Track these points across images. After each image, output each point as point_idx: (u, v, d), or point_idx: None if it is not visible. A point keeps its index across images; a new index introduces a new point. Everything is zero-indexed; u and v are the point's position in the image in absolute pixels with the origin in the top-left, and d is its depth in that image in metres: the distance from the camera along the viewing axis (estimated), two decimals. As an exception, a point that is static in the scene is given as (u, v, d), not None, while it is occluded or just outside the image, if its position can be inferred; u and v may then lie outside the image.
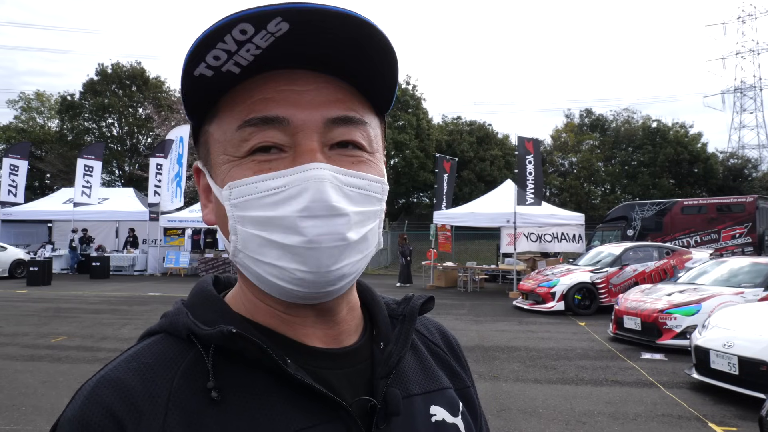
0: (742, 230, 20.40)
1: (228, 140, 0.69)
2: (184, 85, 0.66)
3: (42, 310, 13.06)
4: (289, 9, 0.60)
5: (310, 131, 0.67)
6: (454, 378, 0.89)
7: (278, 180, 0.65)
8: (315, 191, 0.64)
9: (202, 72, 0.64)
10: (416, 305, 0.85)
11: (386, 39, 0.66)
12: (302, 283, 0.67)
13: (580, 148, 46.45)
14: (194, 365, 0.68)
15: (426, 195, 44.70)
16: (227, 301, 0.77)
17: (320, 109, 0.67)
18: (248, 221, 0.67)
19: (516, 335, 10.56)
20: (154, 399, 0.64)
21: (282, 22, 0.60)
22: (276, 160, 0.67)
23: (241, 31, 0.60)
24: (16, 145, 27.93)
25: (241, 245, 0.68)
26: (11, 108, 48.88)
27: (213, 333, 0.67)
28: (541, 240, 19.39)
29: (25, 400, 6.27)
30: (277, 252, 0.66)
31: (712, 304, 9.00)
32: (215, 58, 0.62)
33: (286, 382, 0.67)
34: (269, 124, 0.66)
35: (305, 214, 0.64)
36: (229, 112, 0.68)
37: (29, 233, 27.64)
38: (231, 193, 0.67)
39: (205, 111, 0.71)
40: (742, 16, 55.14)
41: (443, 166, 20.94)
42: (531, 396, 6.70)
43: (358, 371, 0.75)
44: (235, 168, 0.68)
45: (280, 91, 0.67)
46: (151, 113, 39.31)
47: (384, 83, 0.71)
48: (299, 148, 0.66)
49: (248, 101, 0.67)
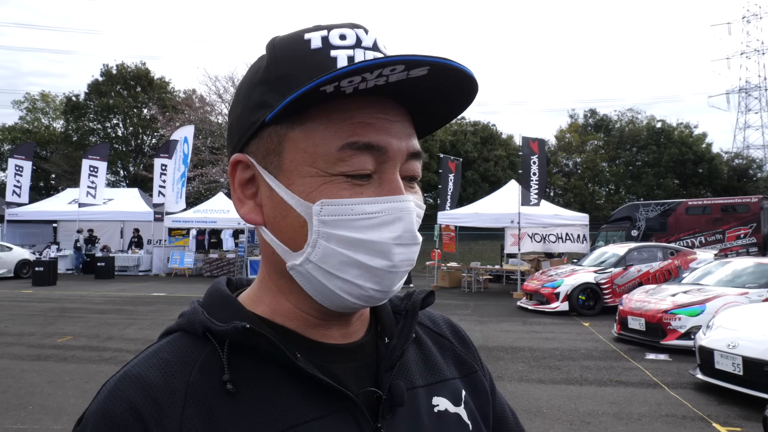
0: (747, 230, 20.35)
1: (320, 155, 0.69)
2: (304, 96, 0.65)
3: (47, 310, 13.13)
4: (437, 63, 0.64)
5: (397, 162, 0.71)
6: (460, 364, 0.92)
7: (374, 206, 0.69)
8: (407, 222, 0.70)
9: (326, 88, 0.64)
10: (417, 300, 0.88)
11: (473, 100, 0.73)
12: (368, 299, 0.72)
13: (585, 149, 46.36)
14: (210, 360, 0.71)
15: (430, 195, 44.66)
16: (241, 300, 0.80)
17: (405, 141, 0.72)
18: (335, 239, 0.69)
19: (520, 335, 10.56)
20: (173, 393, 0.67)
21: (424, 70, 0.64)
22: (367, 185, 0.70)
23: (392, 69, 0.63)
24: (21, 146, 28.08)
25: (316, 258, 0.70)
26: (16, 108, 49.29)
27: (227, 329, 0.70)
28: (545, 240, 19.39)
29: (32, 400, 6.31)
30: (358, 271, 0.69)
31: (716, 304, 8.99)
32: (349, 81, 0.64)
33: (296, 375, 0.71)
34: (368, 150, 0.69)
35: (398, 242, 0.69)
36: (323, 125, 0.69)
37: (34, 234, 27.73)
38: (322, 209, 0.69)
39: (286, 113, 0.70)
40: (747, 16, 54.90)
41: (449, 167, 20.95)
42: (535, 396, 6.71)
43: (364, 365, 0.78)
44: (328, 185, 0.69)
45: (377, 118, 0.69)
46: (156, 114, 39.35)
47: (437, 126, 0.79)
48: (387, 176, 0.70)
49: (348, 121, 0.68)
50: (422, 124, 0.77)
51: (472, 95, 0.72)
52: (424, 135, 0.80)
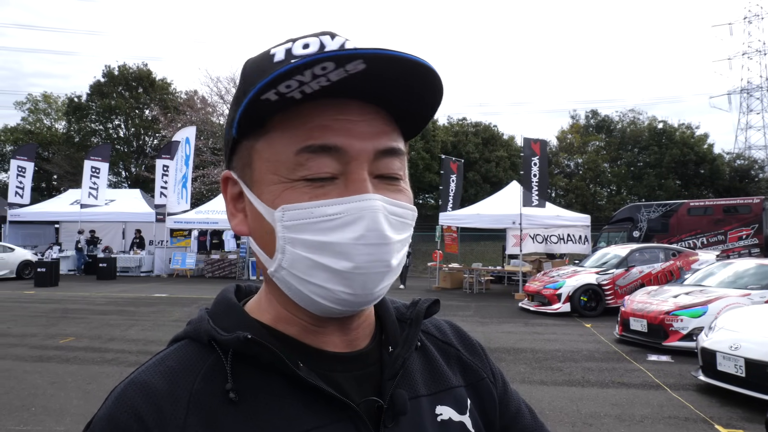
0: (749, 231, 20.32)
1: (281, 162, 0.71)
2: (247, 107, 0.68)
3: (50, 311, 13.15)
4: (372, 54, 0.63)
5: (362, 161, 0.70)
6: (466, 372, 0.92)
7: (334, 207, 0.68)
8: (370, 221, 0.68)
9: (269, 97, 0.66)
10: (422, 309, 0.89)
11: (442, 86, 0.70)
12: (344, 303, 0.71)
13: (586, 149, 46.30)
14: (214, 368, 0.72)
15: (431, 196, 44.64)
16: (247, 308, 0.82)
17: (371, 140, 0.71)
18: (299, 243, 0.70)
19: (522, 337, 10.56)
20: (177, 400, 0.69)
21: (360, 63, 0.64)
22: (329, 186, 0.69)
23: (322, 68, 0.63)
24: (23, 147, 28.13)
25: (287, 264, 0.71)
26: (18, 110, 49.28)
27: (230, 339, 0.72)
28: (546, 241, 19.39)
29: (35, 401, 6.32)
30: (325, 275, 0.69)
31: (718, 305, 8.98)
32: (287, 86, 0.65)
33: (298, 384, 0.72)
34: (326, 152, 0.69)
35: (360, 242, 0.68)
36: (281, 133, 0.71)
37: (36, 234, 27.77)
38: (284, 215, 0.70)
39: (250, 126, 0.73)
40: (749, 17, 54.81)
41: (450, 168, 20.95)
42: (537, 398, 6.70)
43: (367, 374, 0.79)
44: (289, 191, 0.70)
45: (336, 120, 0.69)
46: (158, 115, 39.42)
47: (423, 120, 0.76)
48: (352, 176, 0.69)
49: (304, 126, 0.69)
50: (407, 121, 0.76)
51: (434, 85, 0.70)
52: (413, 133, 0.79)
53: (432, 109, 0.75)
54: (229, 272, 23.28)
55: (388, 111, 0.73)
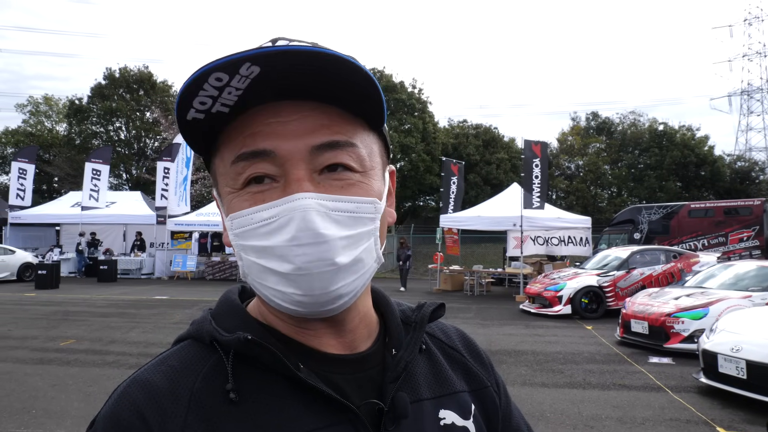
0: (750, 233, 20.32)
1: (227, 173, 0.73)
2: (182, 129, 0.70)
3: (50, 313, 13.14)
4: (256, 55, 0.63)
5: (296, 160, 0.70)
6: (471, 379, 0.92)
7: (269, 211, 0.69)
8: (300, 221, 0.68)
9: (194, 116, 0.68)
10: (427, 312, 0.89)
11: (356, 65, 0.67)
12: (301, 304, 0.71)
13: (587, 151, 46.37)
14: (215, 369, 0.73)
15: (432, 198, 44.66)
16: (249, 309, 0.82)
17: (304, 138, 0.70)
18: (249, 250, 0.72)
19: (523, 339, 10.55)
20: (177, 399, 0.70)
21: (252, 66, 0.64)
22: (268, 191, 0.71)
23: (217, 79, 0.64)
24: (24, 149, 28.17)
25: (246, 270, 0.73)
26: (20, 112, 49.32)
27: (231, 339, 0.73)
28: (547, 243, 19.39)
29: (36, 403, 6.32)
30: (275, 278, 0.70)
31: (719, 307, 8.97)
32: (201, 103, 0.67)
33: (299, 385, 0.72)
34: (259, 157, 0.70)
35: (294, 243, 0.68)
36: (226, 146, 0.73)
37: (37, 237, 27.77)
38: (233, 224, 0.72)
39: (209, 147, 0.75)
40: (749, 19, 54.89)
41: (451, 170, 20.95)
42: (538, 400, 6.69)
43: (368, 376, 0.79)
44: (235, 199, 0.72)
45: (267, 124, 0.70)
46: (159, 117, 39.50)
47: (367, 102, 0.73)
48: (288, 178, 0.70)
49: (240, 136, 0.71)
50: (361, 111, 0.74)
51: (348, 67, 0.67)
52: (376, 119, 0.76)
53: (370, 93, 0.71)
54: (229, 274, 23.28)
55: (332, 103, 0.71)
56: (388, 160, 0.83)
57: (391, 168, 0.84)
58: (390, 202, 0.82)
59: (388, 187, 0.81)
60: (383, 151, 0.81)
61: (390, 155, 0.84)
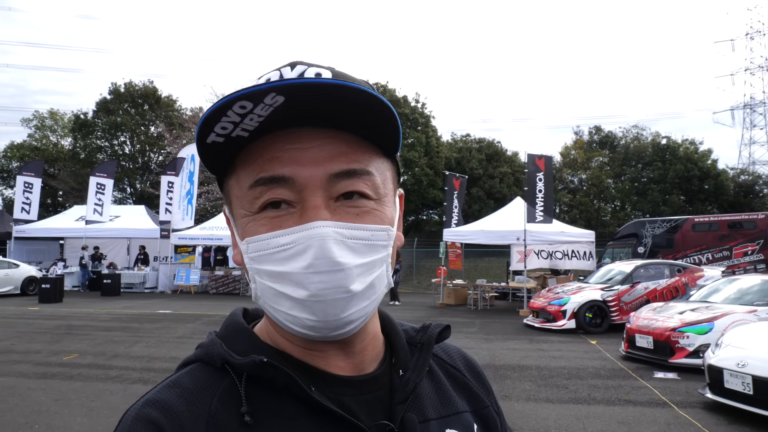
0: (754, 247, 20.27)
1: (244, 196, 0.74)
2: (201, 151, 0.72)
3: (54, 327, 13.14)
4: (281, 86, 0.65)
5: (314, 188, 0.71)
6: (472, 399, 0.93)
7: (286, 237, 0.70)
8: (318, 248, 0.68)
9: (214, 139, 0.69)
10: (433, 334, 0.90)
11: (378, 98, 0.69)
12: (313, 329, 0.72)
13: (590, 165, 46.36)
14: (229, 391, 0.74)
15: (435, 212, 44.65)
16: (256, 332, 0.83)
17: (323, 165, 0.71)
18: (263, 274, 0.72)
19: (527, 354, 10.50)
20: (196, 419, 0.70)
21: (277, 96, 0.65)
22: (285, 216, 0.71)
23: (241, 107, 0.65)
24: (29, 163, 28.30)
25: (260, 293, 0.74)
26: (25, 126, 49.58)
27: (246, 362, 0.73)
28: (551, 257, 19.32)
29: (38, 418, 6.30)
30: (289, 303, 0.71)
31: (724, 322, 8.92)
32: (223, 128, 0.68)
33: (311, 407, 0.73)
34: (276, 183, 0.71)
35: (311, 270, 0.69)
36: (243, 169, 0.73)
37: (41, 250, 27.86)
38: (248, 247, 0.73)
39: (225, 166, 0.76)
40: (751, 33, 55.00)
41: (453, 184, 20.97)
42: (543, 416, 6.65)
43: (377, 397, 0.80)
44: (251, 223, 0.73)
45: (286, 150, 0.71)
46: (163, 131, 39.67)
47: (385, 131, 0.74)
48: (305, 204, 0.71)
49: (258, 160, 0.72)
50: (377, 139, 0.75)
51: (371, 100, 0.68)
52: (392, 147, 0.77)
53: (389, 122, 0.73)
54: (233, 288, 23.27)
55: (350, 131, 0.72)
56: (398, 185, 0.84)
57: (400, 192, 0.85)
58: (399, 225, 0.83)
59: (398, 213, 0.82)
60: (395, 177, 0.82)
61: (400, 179, 0.85)
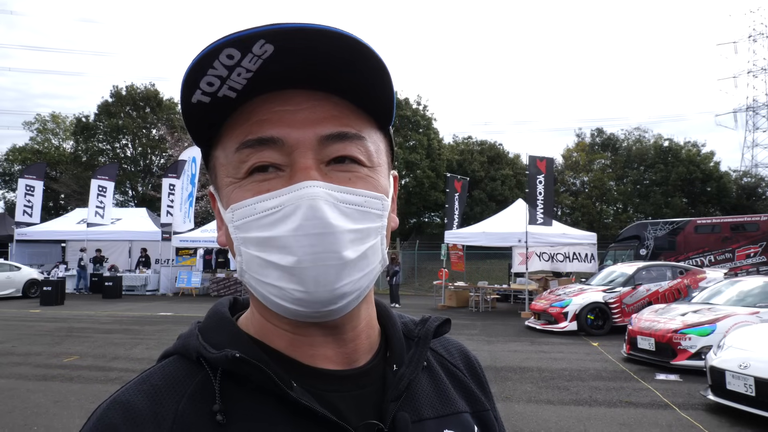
0: (757, 249, 20.23)
1: (229, 162, 0.70)
2: (185, 113, 0.68)
3: (55, 329, 13.13)
4: (271, 31, 0.61)
5: (304, 149, 0.67)
6: (472, 400, 0.87)
7: (274, 200, 0.66)
8: (308, 209, 0.64)
9: (199, 98, 0.65)
10: (431, 328, 0.84)
11: (375, 53, 0.66)
12: (301, 303, 0.66)
13: (592, 167, 46.35)
14: (202, 388, 0.69)
15: (437, 214, 44.69)
16: (240, 322, 0.78)
17: (314, 127, 0.67)
18: (250, 242, 0.67)
19: (528, 356, 10.47)
20: (160, 422, 0.65)
21: (266, 44, 0.61)
22: (274, 179, 0.67)
23: (228, 56, 0.62)
24: (31, 166, 28.35)
25: (245, 266, 0.69)
26: (27, 129, 49.68)
27: (219, 357, 0.68)
28: (553, 259, 19.30)
29: (38, 420, 6.29)
30: (276, 273, 0.66)
31: (726, 324, 8.89)
32: (209, 84, 0.64)
33: (292, 406, 0.68)
34: (265, 145, 0.67)
35: (299, 232, 0.64)
36: (229, 135, 0.70)
37: (43, 253, 27.89)
38: (233, 215, 0.68)
39: (210, 137, 0.72)
40: (753, 35, 55.00)
41: (454, 186, 20.96)
42: (544, 417, 6.62)
43: (366, 393, 0.74)
44: (237, 190, 0.69)
45: (275, 112, 0.67)
46: (165, 134, 39.79)
47: (379, 97, 0.71)
48: (295, 167, 0.67)
49: (246, 124, 0.68)
50: (371, 105, 0.72)
51: (363, 53, 0.65)
52: (386, 117, 0.74)
53: (384, 85, 0.70)
54: (234, 291, 23.25)
55: (342, 96, 0.69)
56: (392, 163, 0.80)
57: (394, 173, 0.80)
58: (392, 207, 0.78)
59: (392, 191, 0.78)
60: (389, 151, 0.78)
61: (394, 160, 0.81)
